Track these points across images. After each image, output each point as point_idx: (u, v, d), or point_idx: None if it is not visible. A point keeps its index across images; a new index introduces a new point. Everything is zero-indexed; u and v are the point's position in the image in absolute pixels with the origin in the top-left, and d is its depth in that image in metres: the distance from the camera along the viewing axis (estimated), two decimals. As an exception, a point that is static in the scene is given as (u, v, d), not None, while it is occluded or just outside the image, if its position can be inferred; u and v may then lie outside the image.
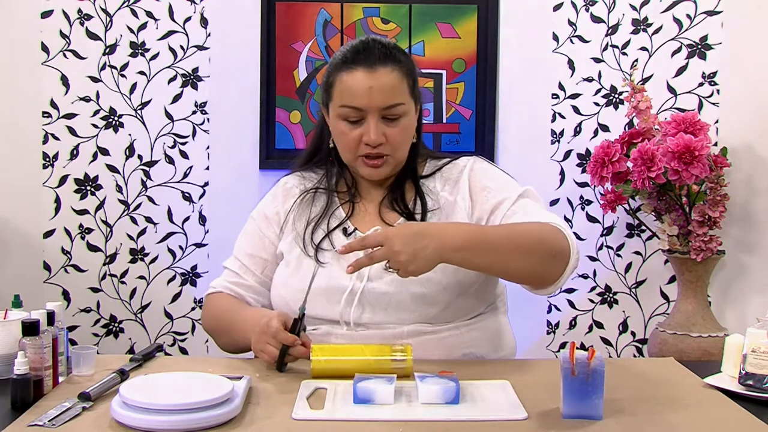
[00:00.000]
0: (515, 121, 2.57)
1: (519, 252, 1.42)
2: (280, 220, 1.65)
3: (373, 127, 1.51)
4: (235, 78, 2.56)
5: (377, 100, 1.51)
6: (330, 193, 1.64)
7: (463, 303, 1.53)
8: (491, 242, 1.40)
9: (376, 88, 1.51)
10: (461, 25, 2.57)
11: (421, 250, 1.33)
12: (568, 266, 1.46)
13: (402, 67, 1.55)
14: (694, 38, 2.52)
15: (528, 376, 1.40)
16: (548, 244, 1.43)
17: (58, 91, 2.54)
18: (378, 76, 1.51)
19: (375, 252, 1.35)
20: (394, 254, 1.33)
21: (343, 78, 1.53)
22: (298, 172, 1.71)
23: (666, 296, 2.58)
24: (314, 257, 1.56)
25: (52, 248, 2.57)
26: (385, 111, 1.52)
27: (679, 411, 1.22)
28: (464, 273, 1.52)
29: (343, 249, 1.40)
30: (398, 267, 1.35)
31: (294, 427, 1.15)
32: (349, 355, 1.38)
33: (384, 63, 1.52)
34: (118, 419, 1.14)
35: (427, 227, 1.41)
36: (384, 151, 1.54)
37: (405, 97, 1.54)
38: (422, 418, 1.18)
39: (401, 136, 1.55)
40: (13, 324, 1.35)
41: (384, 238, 1.34)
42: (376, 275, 1.52)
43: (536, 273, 1.45)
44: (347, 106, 1.53)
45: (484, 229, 1.47)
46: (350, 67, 1.53)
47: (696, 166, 2.16)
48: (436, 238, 1.35)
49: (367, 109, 1.51)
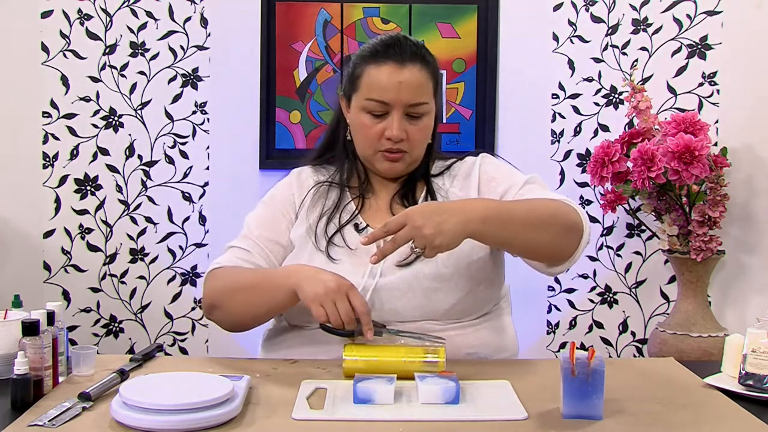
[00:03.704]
0: (515, 121, 2.57)
1: (537, 224, 1.41)
2: (296, 206, 1.63)
3: (396, 123, 1.52)
4: (235, 78, 2.56)
5: (405, 97, 1.52)
6: (342, 187, 1.64)
7: (472, 300, 1.53)
8: (511, 214, 1.40)
9: (405, 84, 1.51)
10: (461, 25, 2.57)
11: (444, 223, 1.32)
12: (582, 240, 1.46)
13: (429, 67, 1.56)
14: (694, 38, 2.52)
15: (528, 376, 1.40)
16: (563, 217, 1.44)
17: (58, 91, 2.54)
18: (407, 72, 1.52)
19: (398, 234, 1.32)
20: (418, 230, 1.31)
21: (372, 71, 1.54)
22: (310, 165, 1.70)
23: (666, 296, 2.58)
24: (325, 252, 1.55)
25: (52, 248, 2.57)
26: (410, 108, 1.53)
27: (679, 411, 1.22)
28: (476, 269, 1.53)
29: (367, 239, 1.37)
30: (423, 243, 1.32)
31: (294, 427, 1.15)
32: (382, 355, 1.36)
33: (413, 61, 1.53)
34: (118, 419, 1.13)
35: (446, 203, 1.42)
36: (403, 147, 1.55)
37: (429, 97, 1.56)
38: (422, 418, 1.18)
39: (421, 135, 1.56)
40: (13, 324, 1.34)
41: (405, 217, 1.33)
42: (388, 271, 1.51)
43: (553, 246, 1.44)
44: (374, 100, 1.53)
45: (502, 202, 1.46)
46: (380, 60, 1.53)
47: (696, 166, 2.16)
48: (458, 212, 1.34)
49: (394, 104, 1.52)
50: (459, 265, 1.51)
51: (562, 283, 2.60)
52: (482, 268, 1.55)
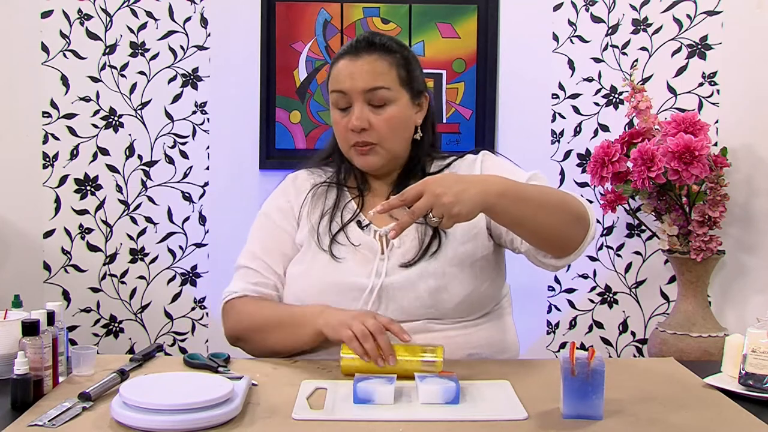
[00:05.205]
0: (515, 121, 2.57)
1: (550, 208, 1.42)
2: (295, 212, 1.64)
3: (356, 112, 1.55)
4: (235, 78, 2.56)
5: (360, 83, 1.55)
6: (340, 186, 1.65)
7: (475, 298, 1.54)
8: (527, 194, 1.41)
9: (359, 71, 1.55)
10: (461, 25, 2.57)
11: (464, 192, 1.32)
12: (589, 233, 1.46)
13: (391, 56, 1.58)
14: (694, 38, 2.52)
15: (528, 376, 1.40)
16: (573, 206, 1.45)
17: (58, 91, 2.54)
18: (361, 61, 1.56)
19: (416, 205, 1.32)
20: (437, 197, 1.30)
21: (335, 67, 1.60)
22: (305, 169, 1.72)
23: (666, 296, 2.58)
24: (329, 251, 1.56)
25: (52, 248, 2.57)
26: (369, 95, 1.55)
27: (679, 411, 1.22)
28: (479, 267, 1.53)
29: (382, 208, 1.36)
30: (442, 212, 1.31)
31: (294, 427, 1.15)
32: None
33: (369, 51, 1.57)
34: (118, 419, 1.14)
35: (464, 175, 1.45)
36: (369, 138, 1.56)
37: (391, 84, 1.56)
38: (422, 418, 1.18)
39: (388, 124, 1.56)
40: (13, 324, 1.35)
41: (424, 185, 1.32)
42: (393, 270, 1.52)
43: (562, 233, 1.44)
44: (334, 91, 1.58)
45: (519, 182, 1.46)
46: (340, 57, 1.59)
47: (696, 166, 2.16)
48: (477, 183, 1.35)
49: (350, 92, 1.55)
50: (463, 264, 1.52)
51: (562, 283, 2.60)
52: (485, 267, 1.55)
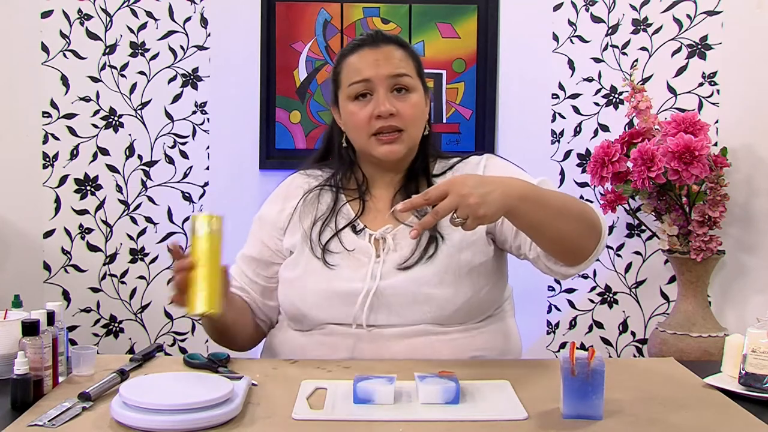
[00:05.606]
0: (515, 121, 2.57)
1: (566, 213, 1.41)
2: (281, 221, 1.63)
3: (383, 96, 1.53)
4: (235, 78, 2.56)
5: (385, 69, 1.54)
6: (336, 189, 1.62)
7: (474, 304, 1.52)
8: (547, 199, 1.40)
9: (383, 58, 1.55)
10: (461, 25, 2.57)
11: (490, 194, 1.30)
12: (600, 243, 1.46)
13: (407, 49, 1.59)
14: (694, 38, 2.52)
15: (528, 376, 1.40)
16: (589, 215, 1.45)
17: (58, 91, 2.54)
18: (383, 49, 1.56)
19: (441, 204, 1.29)
20: (463, 198, 1.28)
21: (349, 60, 1.57)
22: (302, 171, 1.70)
23: (666, 296, 2.58)
24: (322, 259, 1.54)
25: (52, 248, 2.57)
26: (393, 80, 1.54)
27: (679, 411, 1.22)
28: (477, 273, 1.52)
29: (404, 206, 1.34)
30: (467, 213, 1.29)
31: (294, 427, 1.15)
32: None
33: (387, 42, 1.58)
34: (118, 419, 1.13)
35: (486, 176, 1.44)
36: (396, 124, 1.53)
37: (412, 73, 1.57)
38: (422, 418, 1.18)
39: (413, 111, 1.55)
40: (13, 324, 1.34)
41: (450, 184, 1.30)
42: (389, 274, 1.50)
43: (576, 240, 1.43)
44: (355, 82, 1.55)
45: (539, 187, 1.44)
46: (355, 49, 1.58)
47: (696, 166, 2.16)
48: (499, 185, 1.33)
49: (375, 79, 1.53)
50: (461, 270, 1.50)
51: (562, 283, 2.60)
52: (484, 272, 1.54)
